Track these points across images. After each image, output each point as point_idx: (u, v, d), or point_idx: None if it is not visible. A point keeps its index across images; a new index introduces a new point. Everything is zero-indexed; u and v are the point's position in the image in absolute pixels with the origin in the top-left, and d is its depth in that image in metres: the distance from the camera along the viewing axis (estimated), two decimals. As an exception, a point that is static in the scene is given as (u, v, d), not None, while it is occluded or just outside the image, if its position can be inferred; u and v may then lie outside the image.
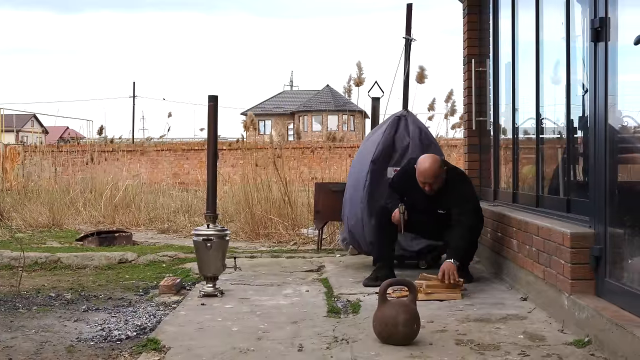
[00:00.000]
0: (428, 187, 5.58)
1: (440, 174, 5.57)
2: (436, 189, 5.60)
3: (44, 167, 15.69)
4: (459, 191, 5.64)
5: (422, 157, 5.64)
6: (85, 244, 8.91)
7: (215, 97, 5.63)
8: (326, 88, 61.77)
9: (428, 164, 5.54)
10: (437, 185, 5.59)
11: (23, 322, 4.78)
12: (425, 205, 5.71)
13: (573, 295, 4.15)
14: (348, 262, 7.09)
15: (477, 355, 3.74)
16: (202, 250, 5.49)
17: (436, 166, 5.55)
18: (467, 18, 7.70)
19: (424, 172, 5.54)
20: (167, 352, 3.91)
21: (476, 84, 7.48)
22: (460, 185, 5.68)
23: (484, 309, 4.81)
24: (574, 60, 4.93)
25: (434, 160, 5.57)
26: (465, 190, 5.69)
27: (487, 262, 6.39)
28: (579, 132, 4.93)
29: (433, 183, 5.56)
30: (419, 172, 5.57)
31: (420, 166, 5.58)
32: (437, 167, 5.55)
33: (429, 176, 5.54)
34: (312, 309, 4.98)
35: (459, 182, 5.70)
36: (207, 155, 5.68)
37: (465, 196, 5.64)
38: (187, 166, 27.45)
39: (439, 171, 5.56)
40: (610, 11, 4.00)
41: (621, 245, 4.04)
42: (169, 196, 14.09)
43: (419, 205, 5.73)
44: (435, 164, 5.55)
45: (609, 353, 3.58)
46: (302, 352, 3.87)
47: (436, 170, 5.54)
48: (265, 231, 9.76)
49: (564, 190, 5.13)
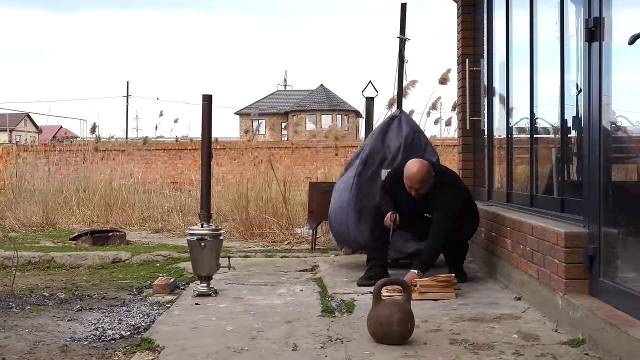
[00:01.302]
0: (414, 192, 5.58)
1: (428, 179, 5.55)
2: (423, 194, 5.59)
3: (37, 166, 15.62)
4: (444, 197, 5.57)
5: (410, 162, 5.62)
6: (78, 244, 8.89)
7: (209, 96, 5.62)
8: (320, 88, 61.78)
9: (415, 169, 5.53)
10: (424, 190, 5.57)
11: (16, 321, 4.77)
12: (412, 208, 5.70)
13: (567, 295, 4.15)
14: (342, 262, 7.09)
15: (471, 354, 3.74)
16: (196, 250, 5.48)
17: (423, 171, 5.52)
18: (461, 18, 7.71)
19: (411, 177, 5.54)
20: (161, 351, 3.91)
21: (470, 84, 7.48)
22: (446, 191, 5.60)
23: (478, 309, 4.82)
24: (568, 60, 4.93)
25: (421, 166, 5.55)
26: (449, 196, 5.59)
27: (481, 262, 6.40)
28: (573, 131, 4.94)
29: (420, 188, 5.55)
30: (406, 177, 5.57)
31: (408, 171, 5.57)
32: (424, 172, 5.53)
33: (415, 181, 5.53)
34: (306, 308, 4.98)
35: (446, 188, 5.64)
36: (202, 154, 5.67)
37: (447, 202, 5.54)
38: (180, 165, 27.42)
39: (426, 176, 5.54)
40: (605, 11, 4.01)
41: (615, 245, 4.05)
42: (162, 195, 14.07)
43: (407, 208, 5.72)
44: (422, 169, 5.53)
45: (603, 352, 3.59)
46: (296, 352, 3.87)
47: (423, 175, 5.52)
48: (259, 231, 9.75)
49: (558, 190, 5.14)
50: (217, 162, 21.92)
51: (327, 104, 58.70)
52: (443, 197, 5.56)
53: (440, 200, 5.55)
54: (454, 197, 5.64)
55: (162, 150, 28.09)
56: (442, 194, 5.58)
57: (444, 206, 5.52)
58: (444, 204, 5.53)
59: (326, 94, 60.24)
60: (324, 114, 57.79)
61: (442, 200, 5.54)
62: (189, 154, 27.59)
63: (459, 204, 5.64)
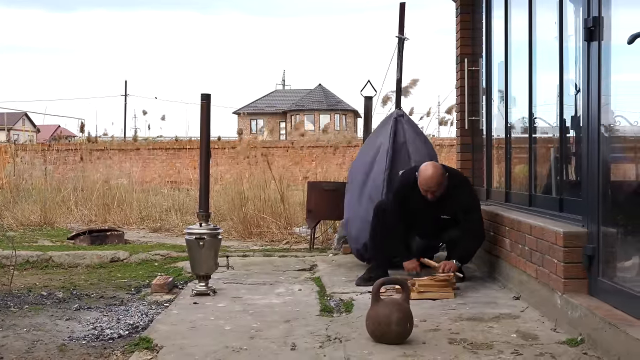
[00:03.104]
0: (431, 195, 5.58)
1: (443, 181, 5.56)
2: (438, 196, 5.61)
3: (35, 165, 15.63)
4: (464, 195, 5.70)
5: (424, 165, 5.62)
6: (76, 243, 8.89)
7: (207, 95, 5.61)
8: (318, 87, 61.79)
9: (430, 172, 5.53)
10: (439, 192, 5.59)
11: (15, 320, 4.76)
12: (426, 210, 5.71)
13: (566, 294, 4.15)
14: (341, 261, 7.09)
15: (470, 354, 3.74)
16: (194, 249, 5.48)
17: (439, 174, 5.54)
18: (459, 17, 7.70)
19: (428, 180, 5.52)
20: (160, 351, 3.90)
21: (469, 83, 7.48)
22: (464, 190, 5.74)
23: (476, 308, 4.82)
24: (566, 59, 4.94)
25: (436, 169, 5.56)
26: (470, 194, 5.83)
27: (480, 261, 6.40)
28: (572, 131, 4.94)
29: (436, 191, 5.56)
30: (422, 181, 5.56)
31: (423, 174, 5.56)
32: (440, 174, 5.55)
33: (432, 184, 5.53)
34: (305, 307, 4.98)
35: (461, 186, 5.73)
36: (200, 154, 5.66)
37: (472, 201, 5.75)
38: (179, 165, 27.37)
39: (442, 179, 5.55)
40: (604, 10, 4.01)
41: (614, 245, 4.05)
42: (160, 195, 14.06)
43: (421, 212, 5.74)
44: (438, 172, 5.54)
45: (602, 352, 3.59)
46: (295, 351, 3.86)
47: (439, 177, 5.53)
48: (257, 230, 9.75)
49: (557, 190, 5.14)
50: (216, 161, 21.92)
51: (326, 103, 58.71)
52: (462, 197, 5.67)
53: (459, 199, 5.65)
54: (473, 194, 5.92)
55: (160, 150, 28.07)
56: (459, 194, 5.67)
57: (472, 204, 5.70)
58: (467, 202, 5.69)
59: (324, 94, 60.25)
60: (322, 114, 57.79)
61: (463, 200, 5.66)
62: (187, 153, 27.55)
63: (478, 198, 5.92)
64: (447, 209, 5.66)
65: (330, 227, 9.07)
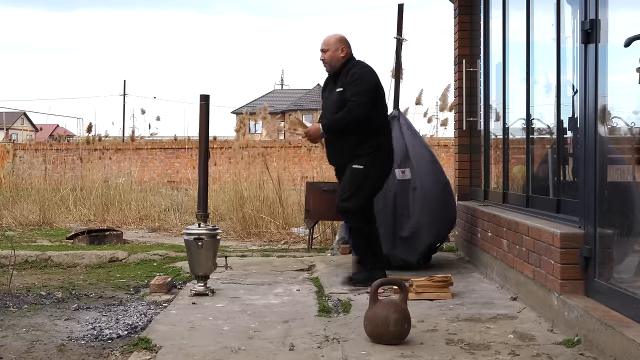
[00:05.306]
0: (322, 55, 5.86)
1: (338, 45, 5.82)
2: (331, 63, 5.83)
3: (34, 165, 15.64)
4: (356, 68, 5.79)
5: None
6: (75, 243, 8.89)
7: (206, 96, 5.63)
8: (317, 87, 61.71)
9: (331, 34, 5.92)
10: (330, 57, 5.82)
11: (13, 320, 4.77)
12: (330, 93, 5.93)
13: (563, 295, 4.17)
14: (339, 262, 7.09)
15: (467, 354, 3.76)
16: (193, 249, 5.49)
17: (336, 36, 5.88)
18: (458, 19, 7.72)
19: (325, 38, 5.91)
20: (158, 351, 3.92)
21: (467, 84, 7.50)
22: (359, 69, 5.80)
23: (474, 309, 4.84)
24: (564, 61, 4.95)
25: (336, 34, 5.92)
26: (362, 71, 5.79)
27: (477, 262, 6.42)
28: (569, 132, 4.96)
29: (327, 51, 5.83)
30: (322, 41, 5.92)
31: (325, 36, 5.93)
32: (336, 37, 5.87)
33: (325, 41, 5.87)
34: (303, 308, 4.99)
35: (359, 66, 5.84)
36: (199, 154, 5.68)
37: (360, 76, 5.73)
38: (177, 164, 27.36)
39: (336, 42, 5.84)
40: (601, 13, 4.02)
41: (610, 246, 4.07)
42: (159, 194, 14.06)
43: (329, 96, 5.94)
44: (336, 35, 5.90)
45: (598, 353, 3.61)
46: (293, 352, 3.88)
47: (334, 38, 5.86)
48: (256, 230, 9.76)
49: (554, 191, 5.16)
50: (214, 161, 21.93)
51: (324, 103, 58.65)
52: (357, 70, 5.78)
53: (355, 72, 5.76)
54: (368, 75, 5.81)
55: (159, 149, 28.05)
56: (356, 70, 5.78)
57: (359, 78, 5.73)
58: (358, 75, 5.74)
59: (323, 93, 60.17)
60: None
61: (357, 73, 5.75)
62: (186, 152, 27.53)
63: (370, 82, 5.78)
64: (340, 82, 5.81)
65: (329, 227, 9.09)
